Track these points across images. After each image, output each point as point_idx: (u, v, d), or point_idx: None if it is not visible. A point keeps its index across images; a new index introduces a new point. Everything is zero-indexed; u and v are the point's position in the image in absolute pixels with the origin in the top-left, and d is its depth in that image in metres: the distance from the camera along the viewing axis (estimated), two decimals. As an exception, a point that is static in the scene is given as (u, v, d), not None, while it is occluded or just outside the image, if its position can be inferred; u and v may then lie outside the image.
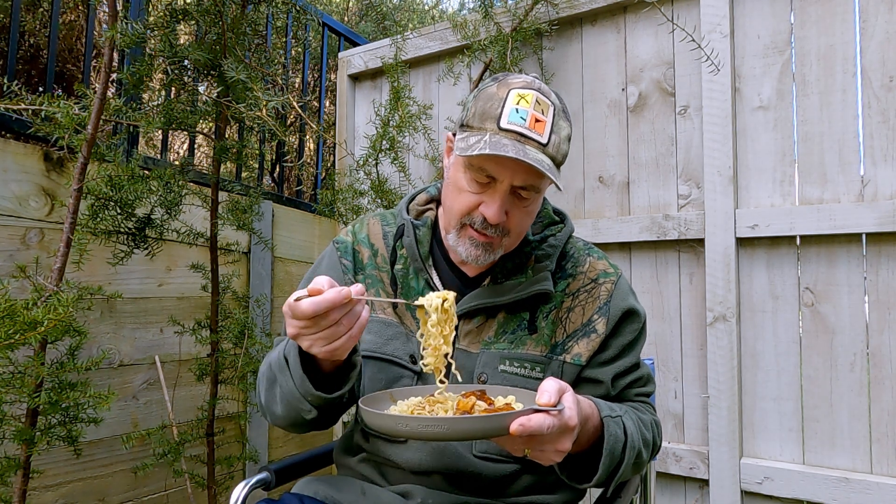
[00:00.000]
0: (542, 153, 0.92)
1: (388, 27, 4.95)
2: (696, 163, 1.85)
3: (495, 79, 1.00)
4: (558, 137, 0.95)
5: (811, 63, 1.69)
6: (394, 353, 1.06)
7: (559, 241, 1.09)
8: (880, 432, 1.57)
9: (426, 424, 0.75)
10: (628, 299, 1.08)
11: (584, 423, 0.87)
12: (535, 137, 0.92)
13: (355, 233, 1.18)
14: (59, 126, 1.41)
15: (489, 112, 0.95)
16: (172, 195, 1.77)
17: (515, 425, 0.73)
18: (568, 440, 0.79)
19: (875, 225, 1.56)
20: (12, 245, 1.70)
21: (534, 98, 0.94)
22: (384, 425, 0.80)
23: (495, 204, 0.95)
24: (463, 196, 0.98)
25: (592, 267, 1.10)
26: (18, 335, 1.15)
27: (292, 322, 0.81)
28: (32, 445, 1.40)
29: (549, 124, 0.94)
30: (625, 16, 2.01)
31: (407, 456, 1.04)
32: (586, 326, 1.05)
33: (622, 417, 0.96)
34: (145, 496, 2.04)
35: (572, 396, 0.81)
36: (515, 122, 0.92)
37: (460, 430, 0.75)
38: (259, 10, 1.87)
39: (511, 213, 0.97)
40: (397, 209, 1.18)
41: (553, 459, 0.81)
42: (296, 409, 0.93)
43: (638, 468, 1.02)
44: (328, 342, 0.81)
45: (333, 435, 2.64)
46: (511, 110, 0.93)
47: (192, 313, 2.18)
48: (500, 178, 0.94)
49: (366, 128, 2.56)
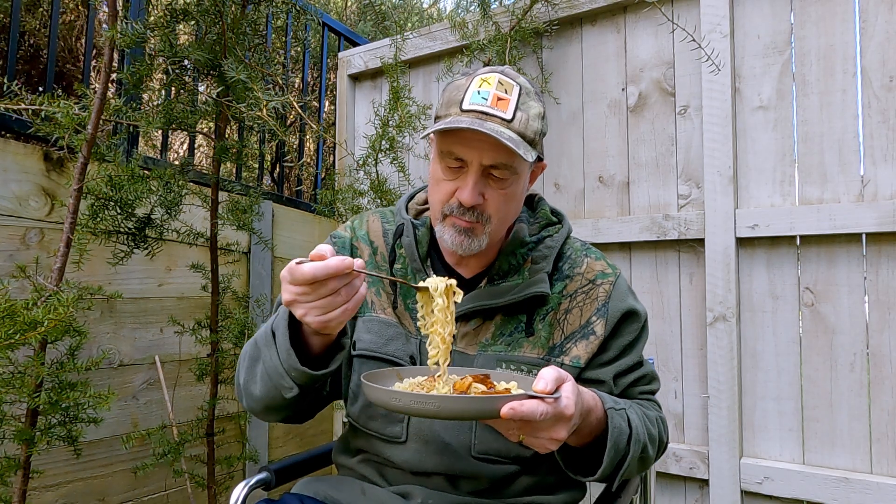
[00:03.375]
0: (506, 128, 0.92)
1: (388, 27, 4.94)
2: (696, 163, 1.85)
3: (465, 74, 1.01)
4: (525, 115, 0.95)
5: (811, 63, 1.69)
6: (394, 354, 1.05)
7: (556, 243, 1.08)
8: (880, 432, 1.57)
9: (418, 401, 0.76)
10: (627, 300, 1.07)
11: (587, 414, 0.87)
12: (496, 114, 0.93)
13: (354, 229, 1.17)
14: (59, 126, 1.41)
15: (453, 98, 0.96)
16: (172, 195, 1.77)
17: (506, 409, 0.73)
18: (563, 429, 0.79)
19: (875, 225, 1.56)
20: (12, 245, 1.70)
21: (496, 79, 0.95)
22: (379, 398, 0.80)
23: (468, 186, 0.95)
24: (440, 185, 0.99)
25: (590, 268, 1.08)
26: (18, 335, 1.15)
27: (289, 287, 0.80)
28: (32, 445, 1.40)
29: (513, 101, 0.94)
30: (625, 16, 2.01)
31: (406, 457, 1.04)
32: (584, 328, 1.04)
33: (626, 410, 0.95)
34: (145, 496, 2.04)
35: (572, 386, 0.80)
36: (476, 103, 0.93)
37: (451, 408, 0.75)
38: (259, 9, 1.87)
39: (488, 195, 0.97)
40: (396, 207, 1.16)
41: (548, 447, 0.80)
42: (276, 387, 0.91)
43: (644, 464, 1.00)
44: (323, 312, 0.80)
45: (333, 435, 2.64)
46: (473, 93, 0.94)
47: (192, 313, 2.18)
48: (469, 159, 0.94)
49: (365, 128, 2.56)
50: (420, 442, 1.03)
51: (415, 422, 1.04)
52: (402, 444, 1.04)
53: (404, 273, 1.10)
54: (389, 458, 1.06)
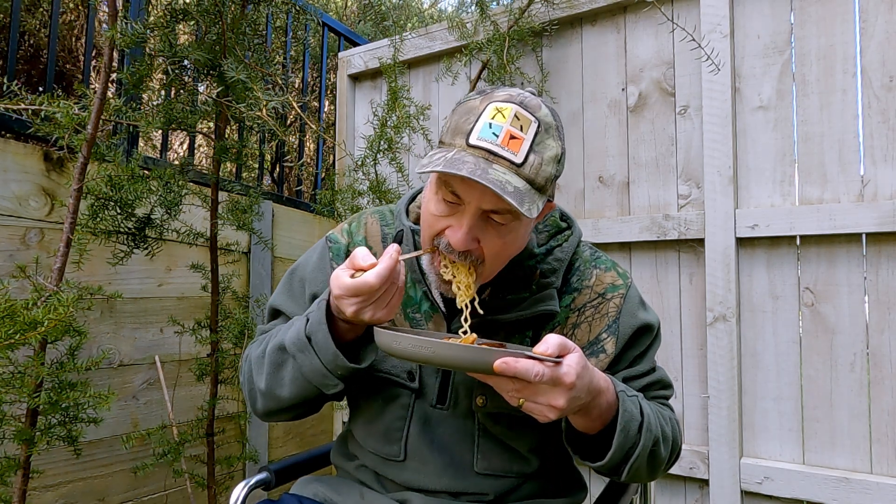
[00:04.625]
0: (514, 174, 0.81)
1: (388, 27, 4.95)
2: (696, 163, 1.86)
3: (481, 92, 0.90)
4: (539, 158, 0.83)
5: (811, 63, 1.69)
6: (390, 371, 1.02)
7: (566, 254, 1.01)
8: (880, 432, 1.57)
9: (415, 344, 0.77)
10: (638, 314, 1.01)
11: (597, 394, 0.83)
12: (505, 156, 0.81)
13: (352, 234, 1.11)
14: (59, 126, 1.41)
15: (461, 127, 0.85)
16: (172, 195, 1.77)
17: (500, 362, 0.72)
18: (561, 397, 0.75)
19: (875, 225, 1.56)
20: (12, 245, 1.70)
21: (512, 112, 0.84)
22: (381, 341, 0.82)
23: (461, 229, 0.85)
24: (432, 216, 0.89)
25: (599, 280, 1.02)
26: (18, 335, 1.14)
27: (352, 300, 0.82)
28: (32, 445, 1.40)
29: (527, 142, 0.83)
30: (625, 16, 2.01)
31: (405, 476, 1.01)
32: (594, 345, 0.99)
33: (639, 398, 0.92)
34: (145, 496, 2.04)
35: (578, 357, 0.77)
36: (485, 139, 0.82)
37: (444, 355, 0.76)
38: (259, 9, 1.87)
39: (484, 240, 0.87)
40: (396, 209, 1.10)
41: (547, 416, 0.78)
42: (318, 386, 0.93)
43: (655, 463, 0.94)
44: (387, 305, 0.84)
45: (333, 435, 2.64)
46: (484, 125, 0.83)
47: (192, 313, 2.18)
48: (467, 200, 0.84)
49: (365, 128, 2.56)
50: (419, 461, 1.00)
51: (413, 440, 1.00)
52: (400, 463, 1.02)
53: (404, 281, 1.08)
54: (387, 476, 1.03)
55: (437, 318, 1.02)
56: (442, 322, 1.01)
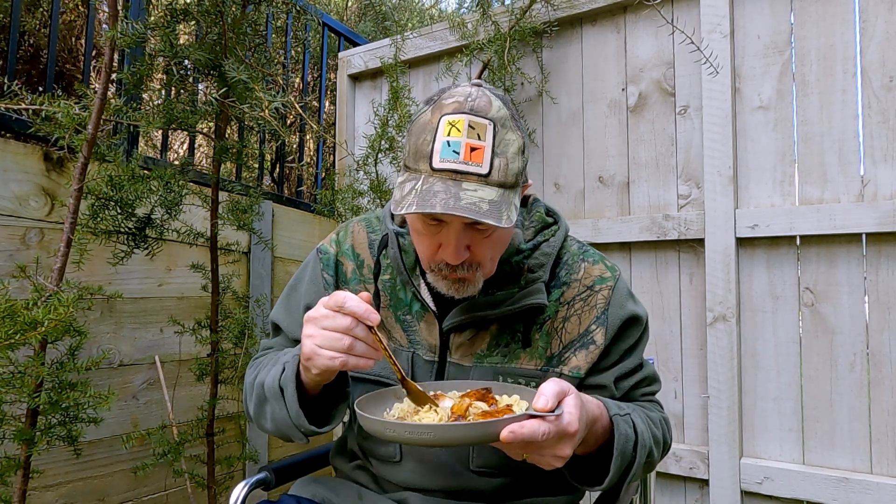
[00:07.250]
0: (484, 185, 0.83)
1: (388, 27, 4.94)
2: (696, 163, 1.86)
3: (430, 101, 0.91)
4: (503, 159, 0.85)
5: (811, 63, 1.69)
6: (380, 374, 1.03)
7: (552, 248, 1.02)
8: (880, 432, 1.57)
9: (412, 431, 0.73)
10: (627, 305, 1.02)
11: (592, 424, 0.84)
12: (472, 171, 0.83)
13: (340, 242, 1.12)
14: (59, 126, 1.41)
15: (422, 150, 0.86)
16: (172, 195, 1.77)
17: (506, 432, 0.70)
18: (568, 446, 0.76)
19: (875, 225, 1.56)
20: (12, 245, 1.70)
21: (465, 123, 0.84)
22: (372, 428, 0.78)
23: (451, 246, 0.88)
24: (422, 239, 0.93)
25: (587, 273, 1.03)
26: (18, 335, 1.15)
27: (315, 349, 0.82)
28: (32, 445, 1.40)
29: (488, 148, 0.84)
30: (625, 16, 2.01)
31: (402, 476, 1.02)
32: (584, 337, 1.00)
33: (631, 415, 0.93)
34: (145, 496, 2.04)
35: (575, 399, 0.78)
36: (448, 159, 0.83)
37: (447, 437, 0.73)
38: (259, 10, 1.87)
39: (474, 247, 0.90)
40: (382, 214, 1.11)
41: (553, 465, 0.78)
42: (287, 433, 0.95)
43: (649, 467, 0.99)
44: (347, 348, 0.82)
45: (333, 435, 2.64)
46: (442, 145, 0.84)
47: (192, 313, 2.18)
48: (448, 220, 0.87)
49: (365, 128, 2.56)
50: (415, 461, 1.01)
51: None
52: (397, 464, 1.03)
53: (392, 284, 1.06)
54: (385, 477, 1.05)
55: (429, 317, 1.02)
56: (434, 321, 1.02)
